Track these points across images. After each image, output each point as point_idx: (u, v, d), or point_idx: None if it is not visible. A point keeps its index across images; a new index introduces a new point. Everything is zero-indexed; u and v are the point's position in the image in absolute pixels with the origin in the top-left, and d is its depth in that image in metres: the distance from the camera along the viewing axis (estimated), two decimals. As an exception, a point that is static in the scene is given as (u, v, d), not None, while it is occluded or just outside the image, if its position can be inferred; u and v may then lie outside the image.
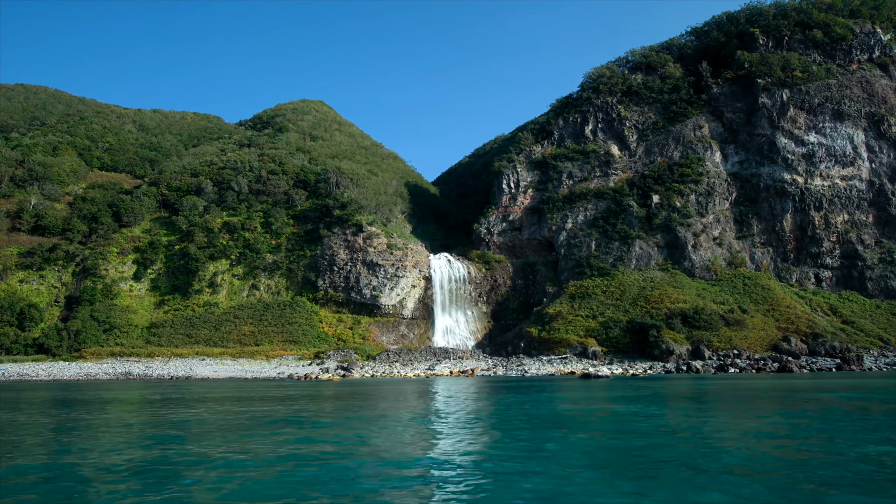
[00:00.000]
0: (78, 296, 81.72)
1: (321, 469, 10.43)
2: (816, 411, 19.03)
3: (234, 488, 9.05)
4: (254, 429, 15.93)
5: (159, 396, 30.57)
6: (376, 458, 11.43)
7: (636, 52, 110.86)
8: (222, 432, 15.45)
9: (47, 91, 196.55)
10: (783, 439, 13.08)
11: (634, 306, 79.30)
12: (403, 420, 17.85)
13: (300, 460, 11.32)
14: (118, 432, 16.08)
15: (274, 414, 19.91)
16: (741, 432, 14.21)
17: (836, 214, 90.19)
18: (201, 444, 13.34)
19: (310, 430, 15.78)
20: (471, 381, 43.99)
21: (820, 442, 12.62)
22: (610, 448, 12.36)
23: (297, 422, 17.09)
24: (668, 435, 14.00)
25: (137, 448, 13.18)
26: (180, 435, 15.03)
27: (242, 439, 14.07)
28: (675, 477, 9.46)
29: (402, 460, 11.31)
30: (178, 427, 16.36)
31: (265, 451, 12.29)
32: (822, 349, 70.04)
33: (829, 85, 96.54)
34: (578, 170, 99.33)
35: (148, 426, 17.39)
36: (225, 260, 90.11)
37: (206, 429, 16.23)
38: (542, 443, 12.79)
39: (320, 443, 13.54)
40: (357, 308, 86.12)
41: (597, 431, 14.69)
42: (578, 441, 13.32)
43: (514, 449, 12.26)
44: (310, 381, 48.46)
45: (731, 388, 32.21)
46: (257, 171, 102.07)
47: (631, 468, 10.21)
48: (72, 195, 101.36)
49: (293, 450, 12.46)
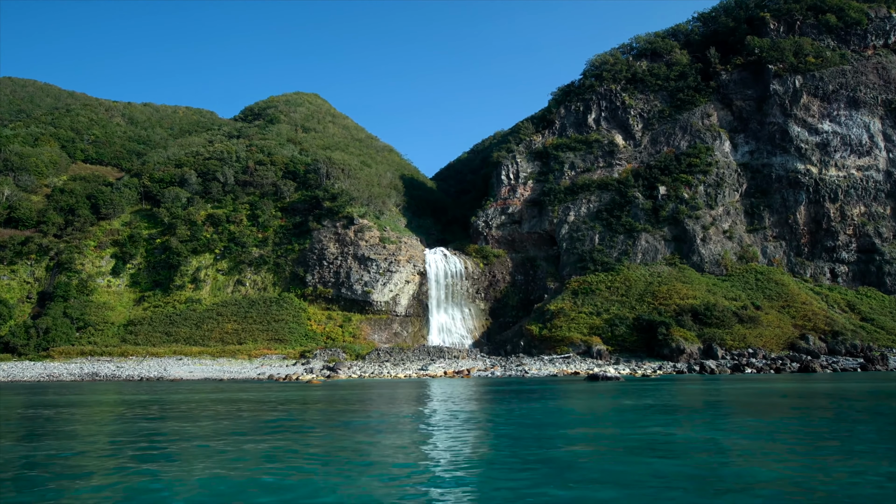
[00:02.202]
0: (51, 291, 77.06)
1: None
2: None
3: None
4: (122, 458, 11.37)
5: (101, 400, 25.99)
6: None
7: (641, 38, 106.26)
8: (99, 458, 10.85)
9: (35, 84, 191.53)
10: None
11: (641, 302, 74.80)
12: (360, 448, 13.29)
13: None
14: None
15: (185, 433, 15.32)
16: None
17: (852, 206, 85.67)
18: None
19: (228, 466, 11.22)
20: (466, 383, 39.48)
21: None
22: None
23: (220, 453, 12.21)
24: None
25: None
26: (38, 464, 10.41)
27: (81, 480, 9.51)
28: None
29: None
30: (53, 439, 11.78)
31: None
32: (843, 348, 65.67)
33: (844, 71, 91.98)
34: (581, 160, 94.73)
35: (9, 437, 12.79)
36: (209, 254, 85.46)
37: (79, 459, 11.64)
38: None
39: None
40: (348, 305, 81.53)
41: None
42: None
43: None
44: (288, 383, 43.90)
45: (766, 392, 27.68)
46: (244, 161, 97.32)
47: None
48: (50, 187, 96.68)
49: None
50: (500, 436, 13.74)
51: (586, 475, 8.76)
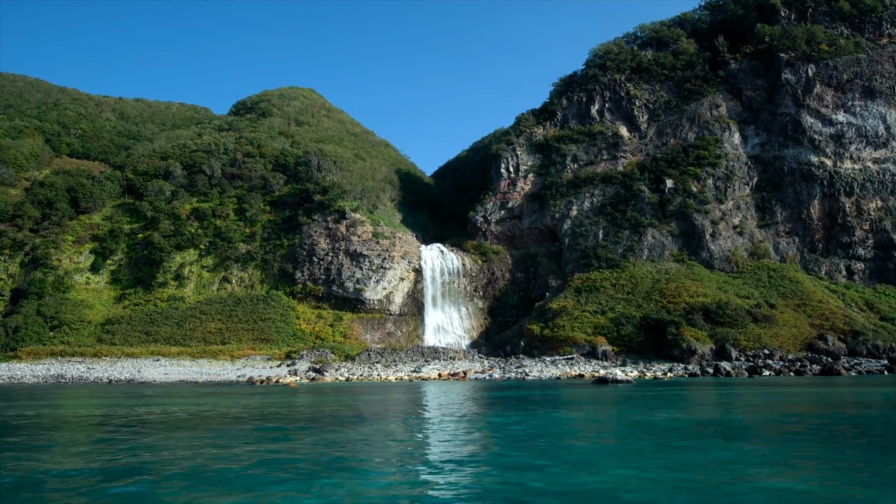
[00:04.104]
0: (25, 289, 73.00)
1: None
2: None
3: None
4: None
5: (17, 410, 21.91)
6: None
7: (645, 27, 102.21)
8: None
9: (25, 80, 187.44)
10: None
11: (648, 301, 70.76)
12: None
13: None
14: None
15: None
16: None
17: (869, 200, 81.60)
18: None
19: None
20: (461, 387, 35.43)
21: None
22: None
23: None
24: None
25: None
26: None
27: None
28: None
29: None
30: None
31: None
32: (864, 349, 61.66)
33: (859, 60, 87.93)
34: (584, 153, 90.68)
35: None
36: (193, 250, 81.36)
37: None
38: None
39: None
40: (339, 303, 77.44)
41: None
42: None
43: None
44: (264, 387, 39.81)
45: (818, 401, 23.64)
46: (232, 153, 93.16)
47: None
48: (30, 180, 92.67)
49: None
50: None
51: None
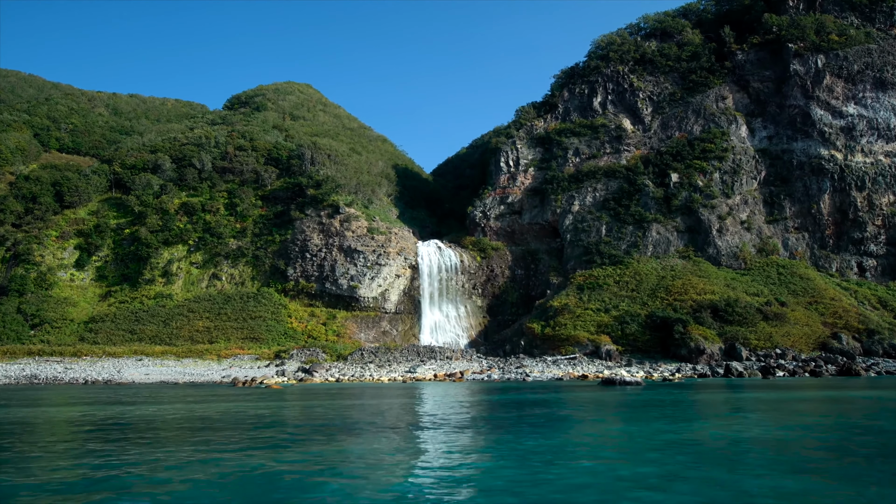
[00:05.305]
0: (6, 285, 70.16)
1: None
2: None
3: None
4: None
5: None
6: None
7: (649, 17, 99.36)
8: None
9: (18, 75, 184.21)
10: None
11: (653, 298, 67.96)
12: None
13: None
14: None
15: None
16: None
17: (881, 195, 78.80)
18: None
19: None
20: (457, 389, 32.72)
21: None
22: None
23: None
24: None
25: None
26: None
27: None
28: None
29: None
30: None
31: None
32: (880, 348, 58.86)
33: (870, 50, 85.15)
34: (586, 146, 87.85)
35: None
36: (181, 246, 78.50)
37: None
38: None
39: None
40: (332, 301, 74.65)
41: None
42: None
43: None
44: (247, 389, 37.07)
45: (844, 401, 20.90)
46: (223, 147, 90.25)
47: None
48: (15, 174, 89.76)
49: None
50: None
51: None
